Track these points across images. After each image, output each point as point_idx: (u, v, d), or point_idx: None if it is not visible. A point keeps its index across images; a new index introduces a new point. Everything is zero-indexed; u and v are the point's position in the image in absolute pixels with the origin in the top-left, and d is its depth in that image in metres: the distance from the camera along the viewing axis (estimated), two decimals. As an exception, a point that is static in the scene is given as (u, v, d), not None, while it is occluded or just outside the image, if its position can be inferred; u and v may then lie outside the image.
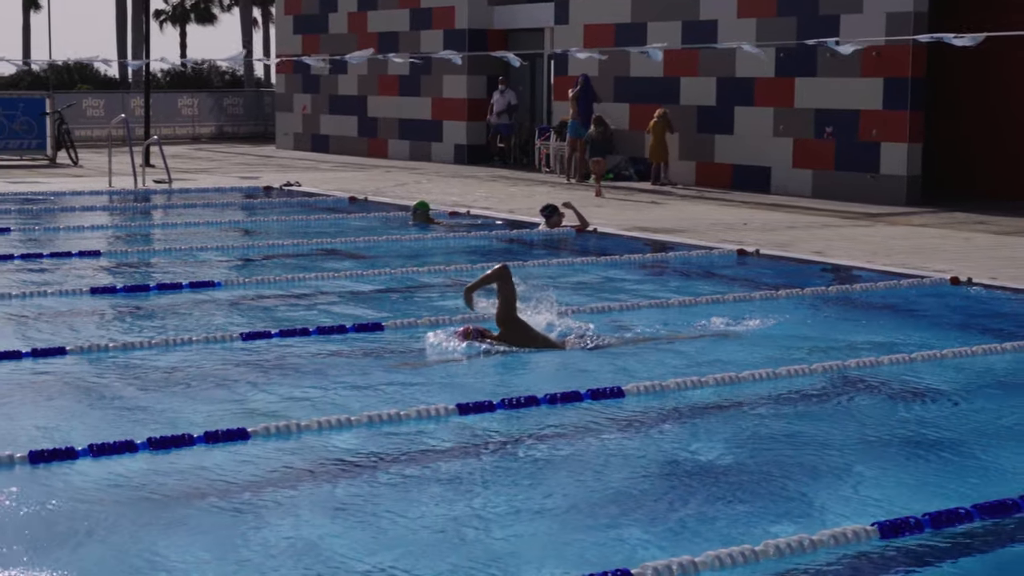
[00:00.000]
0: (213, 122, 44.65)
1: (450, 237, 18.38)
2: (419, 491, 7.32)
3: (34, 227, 19.37)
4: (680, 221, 20.11)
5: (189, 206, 22.81)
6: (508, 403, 8.91)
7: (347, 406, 8.95)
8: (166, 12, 74.16)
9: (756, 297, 13.37)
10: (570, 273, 15.42)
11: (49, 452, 7.66)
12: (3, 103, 33.02)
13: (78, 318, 12.36)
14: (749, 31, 24.96)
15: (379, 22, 35.44)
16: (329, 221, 20.55)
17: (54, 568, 6.09)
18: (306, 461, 7.83)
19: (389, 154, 35.16)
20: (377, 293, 13.79)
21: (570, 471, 7.78)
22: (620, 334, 11.41)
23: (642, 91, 27.71)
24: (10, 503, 7.08)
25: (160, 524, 6.75)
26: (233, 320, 12.25)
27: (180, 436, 8.00)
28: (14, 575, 6.02)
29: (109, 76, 53.80)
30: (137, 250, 17.55)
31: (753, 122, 25.56)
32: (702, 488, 7.41)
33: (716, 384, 9.65)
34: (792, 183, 24.86)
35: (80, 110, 39.85)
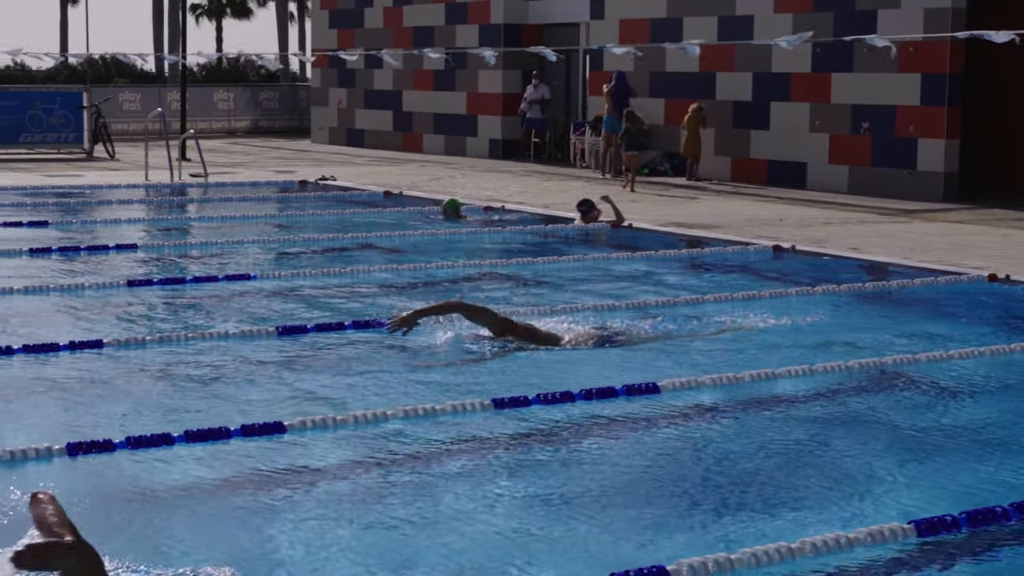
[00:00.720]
0: (249, 116, 44.76)
1: (485, 232, 18.38)
2: (454, 486, 7.32)
3: (71, 220, 19.48)
4: (715, 217, 20.05)
5: (225, 200, 22.88)
6: (544, 398, 8.89)
7: (383, 400, 8.96)
8: (202, 6, 74.32)
9: (792, 293, 13.33)
10: (604, 268, 15.40)
11: (87, 444, 7.69)
12: (41, 97, 33.20)
13: (115, 311, 12.42)
14: (785, 26, 24.86)
15: (414, 16, 35.46)
16: (364, 215, 20.58)
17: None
18: (343, 455, 7.84)
19: (424, 149, 35.18)
20: (412, 287, 13.79)
21: (605, 467, 7.76)
22: (648, 329, 11.38)
23: (678, 86, 27.65)
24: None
25: (195, 517, 6.77)
26: (269, 313, 12.28)
27: (217, 429, 8.02)
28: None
29: (146, 70, 53.96)
30: (173, 243, 17.62)
31: (789, 117, 25.47)
32: (738, 485, 7.39)
33: (752, 380, 9.62)
34: (828, 179, 24.76)
35: (117, 104, 40.02)
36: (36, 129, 32.03)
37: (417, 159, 32.90)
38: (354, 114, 38.05)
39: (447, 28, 34.24)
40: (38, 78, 49.80)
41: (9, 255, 15.57)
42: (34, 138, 32.09)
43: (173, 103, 38.94)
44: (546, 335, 10.82)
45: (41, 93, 34.67)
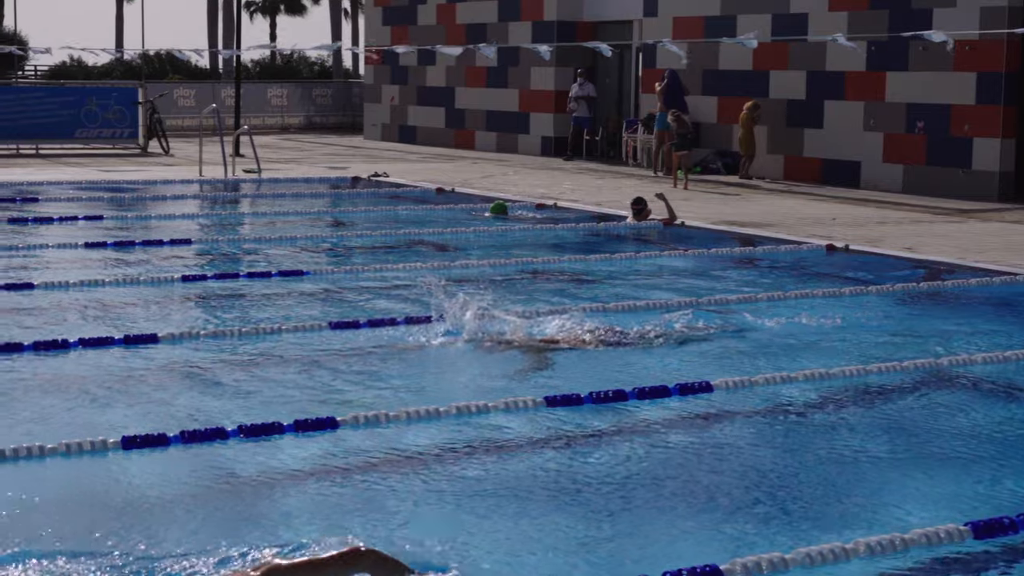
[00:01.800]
0: (302, 112, 44.92)
1: (537, 229, 18.37)
2: (505, 484, 7.33)
3: (126, 215, 19.61)
4: (768, 215, 19.97)
5: (278, 196, 22.97)
6: (596, 396, 8.89)
7: (434, 396, 8.97)
8: (256, 3, 74.69)
9: (846, 293, 13.25)
10: (656, 266, 15.36)
11: (141, 438, 7.74)
12: (97, 92, 33.44)
13: (169, 305, 12.50)
14: (840, 24, 24.71)
15: (467, 13, 35.49)
16: (416, 212, 20.62)
17: (149, 551, 6.16)
18: (394, 451, 7.86)
19: (476, 146, 35.21)
20: (464, 284, 13.80)
21: (657, 466, 7.75)
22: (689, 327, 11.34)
23: (731, 84, 27.55)
24: (104, 487, 7.17)
25: (249, 512, 6.80)
26: (321, 309, 12.32)
27: (270, 424, 8.06)
28: (114, 558, 6.09)
29: (200, 66, 54.28)
30: (227, 239, 17.71)
31: (843, 116, 25.32)
32: (792, 484, 7.35)
33: (805, 380, 9.58)
34: (882, 178, 24.61)
35: (172, 100, 40.25)
36: (91, 124, 32.27)
37: (469, 156, 32.93)
38: (407, 111, 38.12)
39: (500, 25, 34.23)
40: (94, 74, 50.17)
41: (65, 248, 15.70)
42: (89, 133, 32.33)
43: (227, 99, 39.13)
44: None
45: (97, 89, 34.91)
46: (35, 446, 7.54)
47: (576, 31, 32.15)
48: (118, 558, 6.07)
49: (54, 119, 31.90)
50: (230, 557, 6.05)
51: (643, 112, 30.19)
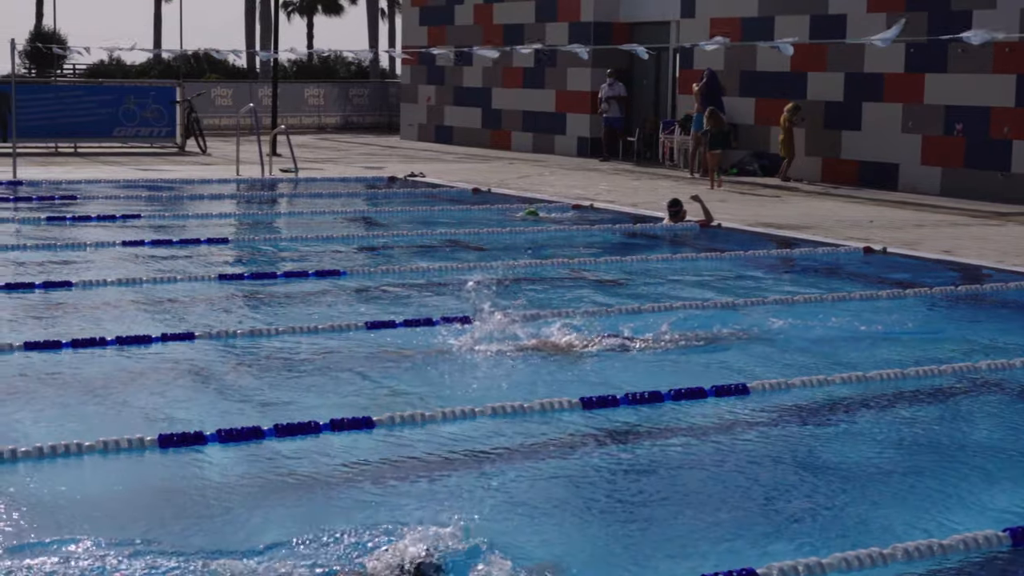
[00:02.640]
0: (339, 112, 45.01)
1: (573, 230, 18.35)
2: (539, 485, 7.32)
3: (163, 214, 19.69)
4: (805, 217, 19.89)
5: (315, 195, 23.03)
6: (632, 398, 8.87)
7: (471, 396, 8.97)
8: (294, 3, 74.92)
9: (883, 296, 13.19)
10: (693, 268, 15.32)
11: (179, 437, 7.77)
12: (135, 91, 33.59)
13: (206, 304, 12.54)
14: (879, 25, 24.59)
15: (504, 14, 35.50)
16: (453, 212, 20.63)
17: (182, 548, 6.18)
18: (430, 450, 7.86)
19: (512, 146, 35.21)
20: (501, 284, 13.79)
21: (695, 468, 7.73)
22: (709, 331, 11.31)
23: (769, 86, 27.46)
24: (140, 485, 7.20)
25: (282, 510, 6.81)
26: (358, 309, 12.33)
27: (306, 423, 8.08)
28: (152, 556, 6.11)
29: (237, 66, 54.47)
30: (263, 238, 17.76)
31: (881, 118, 25.21)
32: (828, 488, 7.32)
33: (843, 383, 9.54)
34: (920, 180, 24.48)
35: (209, 99, 40.40)
36: (129, 123, 32.43)
37: (505, 156, 32.93)
38: (443, 111, 38.16)
39: (537, 26, 34.22)
40: (132, 73, 50.41)
41: (103, 247, 15.77)
42: (127, 132, 32.48)
43: (264, 99, 39.26)
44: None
45: (135, 88, 35.06)
46: (72, 443, 7.57)
47: (613, 32, 32.12)
48: (156, 555, 6.09)
49: (92, 118, 32.07)
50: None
51: (680, 113, 30.14)
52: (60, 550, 6.13)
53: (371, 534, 6.31)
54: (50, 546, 6.18)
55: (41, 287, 12.93)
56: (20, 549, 6.16)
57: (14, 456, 7.44)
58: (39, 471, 7.33)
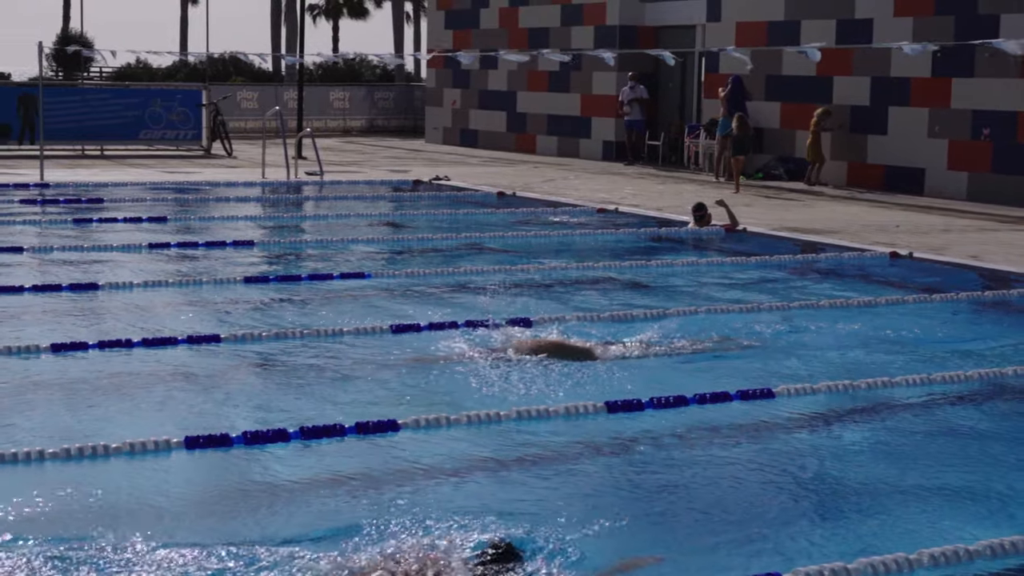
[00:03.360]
0: (364, 115, 45.06)
1: (599, 234, 18.34)
2: (564, 489, 7.31)
3: (189, 216, 19.74)
4: (830, 222, 19.84)
5: (340, 198, 23.06)
6: (657, 402, 8.86)
7: (495, 401, 8.98)
8: (319, 6, 75.02)
9: (909, 301, 13.15)
10: (718, 272, 15.30)
11: (204, 438, 7.79)
12: (161, 94, 33.69)
13: (232, 306, 12.57)
14: (906, 30, 24.54)
15: (530, 18, 35.50)
16: (477, 216, 20.63)
17: (210, 548, 6.20)
18: (454, 454, 7.87)
19: (537, 150, 35.20)
20: (526, 288, 13.79)
21: (719, 472, 7.71)
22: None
23: (794, 90, 27.39)
24: (167, 486, 7.22)
25: (309, 512, 6.83)
26: (382, 312, 12.34)
27: (331, 426, 8.09)
28: (179, 553, 6.13)
29: (263, 69, 54.55)
30: (289, 241, 17.78)
31: (908, 122, 25.12)
32: (854, 493, 7.30)
33: (868, 388, 9.51)
34: (947, 185, 24.40)
35: (235, 102, 40.49)
36: (156, 126, 32.52)
37: (530, 160, 32.92)
38: (468, 114, 38.18)
39: (562, 29, 34.22)
40: (158, 76, 50.55)
41: (129, 250, 15.83)
42: (153, 135, 32.58)
43: (290, 102, 39.33)
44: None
45: (161, 90, 35.15)
46: (99, 445, 7.60)
47: (638, 36, 32.09)
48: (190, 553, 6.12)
49: (119, 120, 32.17)
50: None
51: (705, 117, 30.09)
52: (93, 549, 6.17)
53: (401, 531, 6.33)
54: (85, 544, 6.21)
55: (68, 289, 12.98)
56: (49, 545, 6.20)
57: (41, 456, 7.47)
58: (66, 471, 7.36)
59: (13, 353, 10.05)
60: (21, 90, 32.97)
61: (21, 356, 10.04)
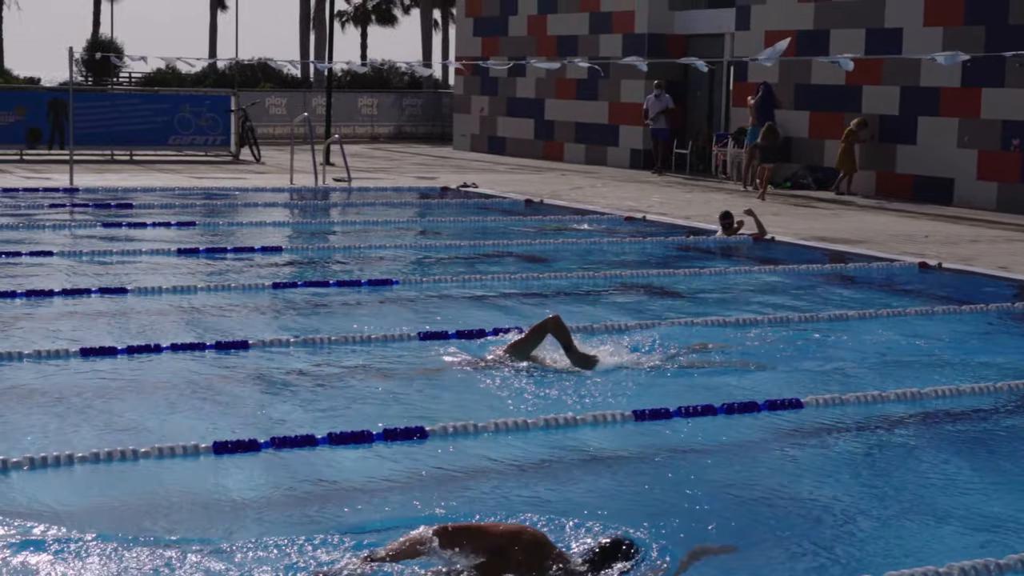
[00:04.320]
0: (392, 122, 45.15)
1: (626, 242, 18.32)
2: (590, 497, 7.30)
3: (218, 222, 19.80)
4: (859, 232, 19.78)
5: (367, 205, 23.08)
6: (685, 411, 8.84)
7: (522, 408, 8.97)
8: (348, 13, 75.24)
9: (938, 312, 13.09)
10: (746, 281, 15.27)
11: (233, 444, 7.80)
12: (190, 100, 33.81)
13: (260, 312, 12.59)
14: (936, 40, 24.46)
15: (559, 25, 35.51)
16: (505, 223, 20.63)
17: (242, 554, 6.21)
18: (481, 461, 7.86)
19: (565, 157, 35.20)
20: (553, 296, 13.79)
21: (747, 481, 7.69)
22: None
23: (823, 99, 27.33)
24: (195, 491, 7.24)
25: (338, 517, 6.83)
26: (410, 319, 12.34)
27: (360, 432, 8.09)
28: (204, 556, 6.15)
29: (292, 75, 54.73)
30: (317, 247, 17.82)
31: (937, 132, 25.04)
32: (883, 504, 7.27)
33: (897, 400, 9.47)
34: (976, 196, 24.31)
35: (263, 108, 40.60)
36: (184, 131, 32.63)
37: (558, 168, 32.92)
38: (496, 122, 38.20)
39: (591, 37, 34.21)
40: (187, 81, 50.75)
41: (158, 255, 15.88)
42: (182, 140, 32.69)
43: (318, 108, 39.41)
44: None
45: (190, 96, 35.28)
46: (128, 449, 7.63)
47: (667, 44, 32.05)
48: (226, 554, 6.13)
49: (148, 126, 32.30)
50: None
51: (734, 126, 30.03)
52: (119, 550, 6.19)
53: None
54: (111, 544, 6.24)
55: (97, 293, 13.02)
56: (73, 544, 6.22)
57: (70, 460, 7.49)
58: (96, 475, 7.39)
59: (43, 357, 10.09)
60: (51, 95, 33.13)
61: (50, 360, 10.08)
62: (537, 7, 36.34)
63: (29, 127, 31.32)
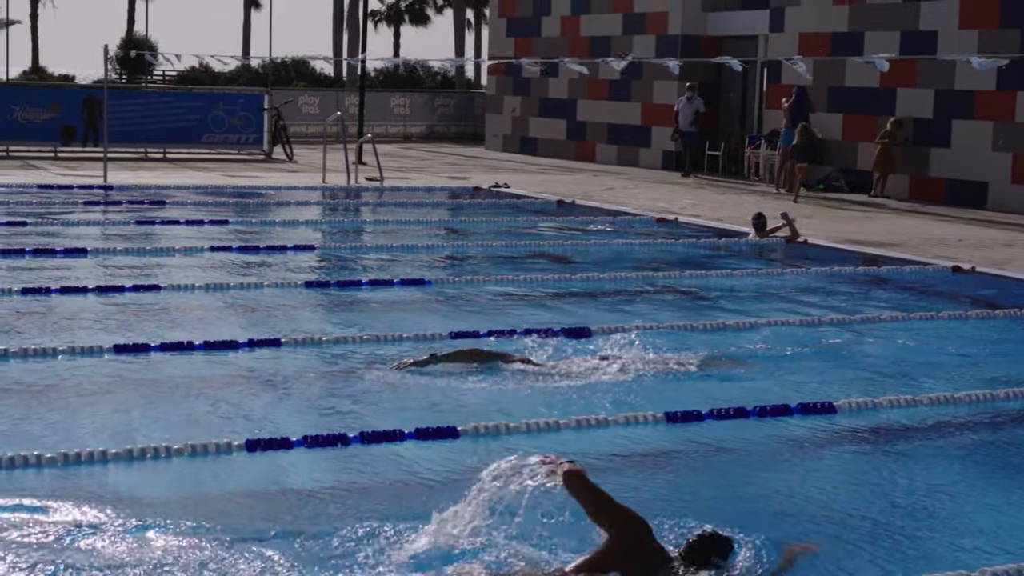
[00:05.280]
0: (424, 122, 45.20)
1: (658, 243, 18.30)
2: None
3: (250, 220, 19.85)
4: (892, 235, 19.71)
5: (400, 204, 23.12)
6: (717, 413, 8.83)
7: (553, 408, 8.96)
8: (381, 12, 75.33)
9: (971, 316, 13.04)
10: (778, 284, 15.23)
11: (265, 441, 7.82)
12: (224, 98, 33.92)
13: (292, 310, 12.62)
14: (971, 42, 24.34)
15: (592, 26, 35.49)
16: (537, 223, 20.63)
17: (269, 553, 6.23)
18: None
19: (596, 158, 35.17)
20: (585, 297, 13.78)
21: (778, 486, 7.68)
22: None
23: (857, 101, 27.23)
24: (229, 488, 7.26)
25: (366, 516, 6.84)
26: (441, 318, 12.35)
27: (391, 431, 8.10)
28: (233, 556, 6.17)
29: (325, 74, 54.80)
30: (349, 246, 17.85)
31: (971, 136, 24.92)
32: (914, 509, 7.24)
33: (930, 404, 9.43)
34: (1010, 199, 24.18)
35: (296, 107, 40.68)
36: (218, 130, 32.74)
37: (589, 168, 32.90)
38: (528, 122, 38.20)
39: (624, 38, 34.16)
40: (221, 80, 50.87)
41: (190, 252, 15.94)
42: (215, 138, 32.80)
43: (351, 107, 39.48)
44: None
45: (224, 94, 35.40)
46: (161, 446, 7.66)
47: (700, 45, 31.99)
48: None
49: (182, 124, 32.42)
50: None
51: (766, 128, 29.95)
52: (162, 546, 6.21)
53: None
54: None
55: (130, 290, 13.08)
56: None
57: (104, 457, 7.53)
58: (129, 472, 7.42)
59: (77, 354, 10.14)
60: (86, 93, 33.29)
61: (85, 356, 10.13)
62: (570, 7, 36.33)
63: (64, 124, 31.50)
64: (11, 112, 31.34)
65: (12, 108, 31.43)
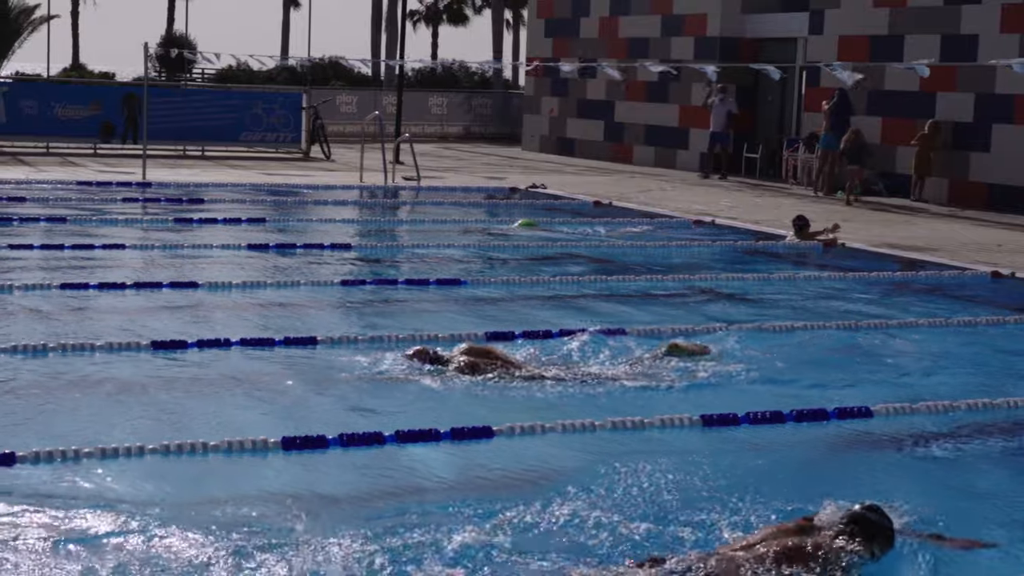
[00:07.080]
0: (461, 122, 45.20)
1: (695, 246, 18.26)
2: (657, 500, 7.28)
3: (288, 218, 19.90)
4: (931, 239, 19.60)
5: (436, 204, 23.14)
6: (753, 417, 8.80)
7: (586, 409, 8.95)
8: (419, 12, 75.41)
9: (1010, 321, 12.96)
10: (815, 288, 15.17)
11: (301, 440, 7.84)
12: (262, 97, 34.03)
13: (328, 309, 12.65)
14: (1012, 46, 24.19)
15: (630, 28, 35.43)
16: (573, 224, 20.61)
17: (308, 547, 6.24)
18: (549, 461, 7.86)
19: (634, 160, 35.10)
20: (621, 298, 13.76)
21: (816, 491, 7.63)
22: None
23: (897, 105, 27.09)
24: (263, 485, 7.28)
25: (407, 515, 6.84)
26: (477, 318, 12.36)
27: (427, 431, 8.10)
28: (268, 555, 6.18)
29: (363, 73, 54.89)
30: (386, 245, 17.88)
31: (1012, 140, 24.76)
32: (949, 514, 7.20)
33: (968, 409, 9.38)
34: (1050, 205, 24.02)
35: (334, 106, 40.74)
36: (256, 128, 32.83)
37: (627, 170, 32.84)
38: (566, 123, 38.17)
39: (663, 40, 34.11)
40: (259, 78, 51.03)
41: (228, 250, 15.99)
42: (253, 137, 32.89)
43: (388, 107, 39.53)
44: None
45: (262, 93, 35.51)
46: (199, 443, 7.68)
47: (739, 48, 31.91)
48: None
49: (220, 122, 32.52)
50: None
51: (805, 131, 29.82)
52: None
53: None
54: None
55: (168, 287, 13.14)
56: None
57: (141, 452, 7.56)
58: (164, 467, 7.45)
59: (114, 350, 10.19)
60: (125, 90, 33.46)
61: (122, 352, 10.18)
62: (609, 9, 36.28)
63: (103, 121, 31.66)
64: (52, 109, 31.50)
65: (53, 105, 31.60)
